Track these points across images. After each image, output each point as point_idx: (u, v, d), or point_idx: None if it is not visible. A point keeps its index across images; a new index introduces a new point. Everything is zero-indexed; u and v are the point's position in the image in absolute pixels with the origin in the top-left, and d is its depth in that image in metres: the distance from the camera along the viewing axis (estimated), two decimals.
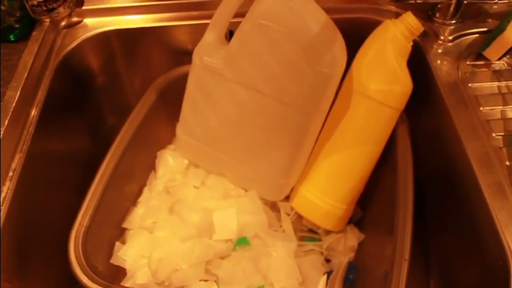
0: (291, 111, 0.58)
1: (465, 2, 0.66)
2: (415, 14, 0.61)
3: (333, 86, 0.58)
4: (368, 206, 0.69)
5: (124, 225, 0.66)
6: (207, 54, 0.61)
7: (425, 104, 0.64)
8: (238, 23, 0.59)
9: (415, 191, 0.58)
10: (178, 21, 0.71)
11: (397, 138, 0.62)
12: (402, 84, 0.59)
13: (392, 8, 0.70)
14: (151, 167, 0.72)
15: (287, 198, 0.66)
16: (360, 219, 0.69)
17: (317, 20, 0.56)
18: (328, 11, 0.57)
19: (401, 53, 0.59)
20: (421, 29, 0.59)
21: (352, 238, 0.66)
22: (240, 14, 0.60)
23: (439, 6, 0.68)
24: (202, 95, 0.63)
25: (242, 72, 0.59)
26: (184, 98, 0.65)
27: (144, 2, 0.72)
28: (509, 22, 0.62)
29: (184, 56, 0.65)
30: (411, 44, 0.59)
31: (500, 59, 0.63)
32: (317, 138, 0.63)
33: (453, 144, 0.57)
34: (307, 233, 0.68)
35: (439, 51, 0.66)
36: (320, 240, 0.67)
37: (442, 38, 0.67)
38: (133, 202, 0.69)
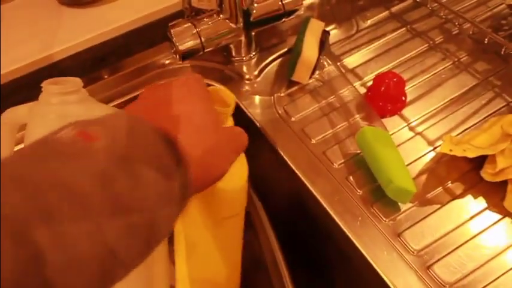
0: None
1: (253, 33, 0.61)
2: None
3: None
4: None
5: None
6: None
7: (262, 156, 0.58)
8: None
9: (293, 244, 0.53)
10: None
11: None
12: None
13: (187, 63, 0.63)
14: None
15: None
16: None
17: None
18: None
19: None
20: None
21: None
22: None
23: (231, 45, 0.62)
24: None
25: None
26: None
27: None
28: (302, 41, 0.58)
29: None
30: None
31: (310, 78, 0.60)
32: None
33: (300, 189, 0.52)
34: None
35: (250, 91, 0.60)
36: None
37: (247, 76, 0.61)
38: None
